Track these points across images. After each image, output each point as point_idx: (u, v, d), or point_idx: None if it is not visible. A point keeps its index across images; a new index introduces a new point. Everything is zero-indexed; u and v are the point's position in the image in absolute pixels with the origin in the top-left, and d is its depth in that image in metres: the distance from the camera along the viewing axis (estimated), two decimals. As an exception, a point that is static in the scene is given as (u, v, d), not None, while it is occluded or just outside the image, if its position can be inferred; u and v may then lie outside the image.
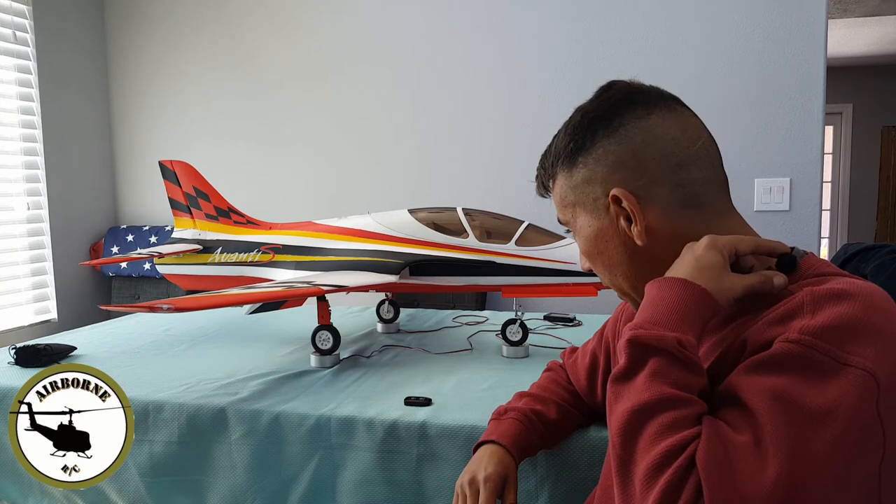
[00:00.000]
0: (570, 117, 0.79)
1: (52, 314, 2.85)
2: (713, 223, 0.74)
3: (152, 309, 1.29)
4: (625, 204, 0.73)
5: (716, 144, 0.77)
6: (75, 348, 1.65)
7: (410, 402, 1.23)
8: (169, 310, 1.26)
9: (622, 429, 0.61)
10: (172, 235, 2.00)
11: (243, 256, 1.80)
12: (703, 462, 0.56)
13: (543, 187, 0.84)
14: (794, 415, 0.57)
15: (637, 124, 0.74)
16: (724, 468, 0.56)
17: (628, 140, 0.74)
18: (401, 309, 1.95)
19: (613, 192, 0.73)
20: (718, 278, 0.68)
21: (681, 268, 0.69)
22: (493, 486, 0.90)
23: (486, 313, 2.07)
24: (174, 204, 1.99)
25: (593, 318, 1.96)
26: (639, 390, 0.62)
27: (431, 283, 1.60)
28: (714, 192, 0.75)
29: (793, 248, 0.74)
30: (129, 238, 3.00)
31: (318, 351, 1.51)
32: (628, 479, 0.60)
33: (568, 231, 0.83)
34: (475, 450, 0.98)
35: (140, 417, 1.27)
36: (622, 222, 0.75)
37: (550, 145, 0.81)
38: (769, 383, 0.60)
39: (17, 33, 2.68)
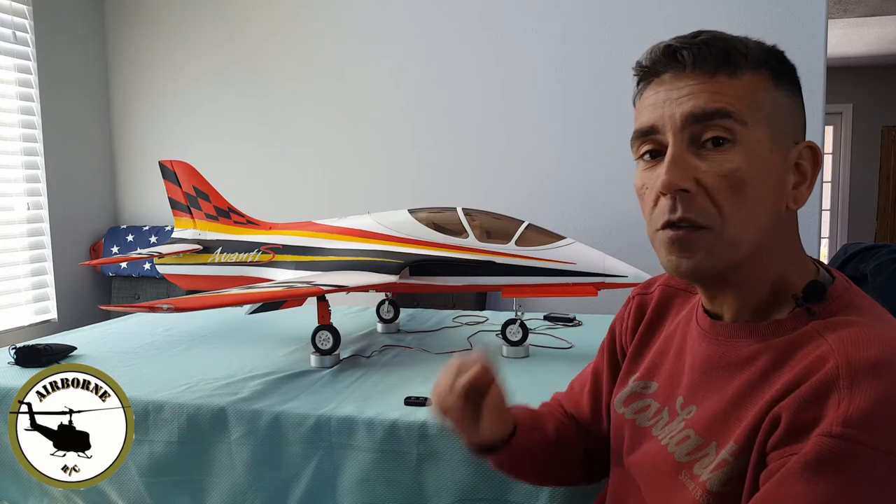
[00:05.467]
0: None
1: (52, 314, 2.85)
2: (795, 227, 0.68)
3: (152, 309, 1.29)
4: (810, 160, 0.65)
5: None
6: (75, 348, 1.65)
7: (410, 402, 1.23)
8: (169, 310, 1.26)
9: None
10: (172, 235, 2.00)
11: (243, 256, 1.80)
12: None
13: (725, 56, 0.63)
14: None
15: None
16: None
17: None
18: (401, 309, 1.95)
19: (811, 142, 0.65)
20: None
21: None
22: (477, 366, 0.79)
23: (486, 313, 2.06)
24: (174, 204, 1.99)
25: (593, 318, 1.95)
26: None
27: (431, 283, 1.60)
28: None
29: (818, 266, 0.67)
30: (129, 238, 3.00)
31: (318, 351, 1.51)
32: None
33: (705, 142, 0.62)
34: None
35: (140, 417, 1.27)
36: (793, 175, 0.64)
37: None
38: (812, 496, 0.50)
39: (17, 33, 2.68)
